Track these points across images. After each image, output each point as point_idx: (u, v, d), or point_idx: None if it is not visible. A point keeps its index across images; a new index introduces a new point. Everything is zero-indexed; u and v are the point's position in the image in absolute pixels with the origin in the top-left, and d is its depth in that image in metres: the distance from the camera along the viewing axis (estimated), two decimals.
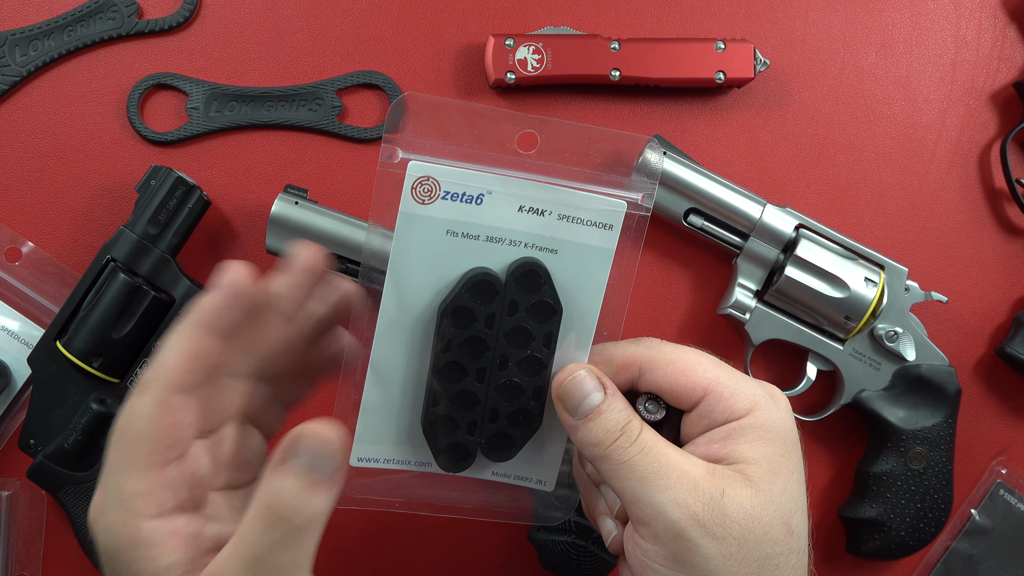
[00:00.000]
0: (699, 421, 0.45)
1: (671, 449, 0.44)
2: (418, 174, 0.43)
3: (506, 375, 0.46)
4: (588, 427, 0.44)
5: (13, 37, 0.67)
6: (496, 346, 0.45)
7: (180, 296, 0.64)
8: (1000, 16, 0.74)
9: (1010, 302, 0.73)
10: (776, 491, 0.43)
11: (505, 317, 0.45)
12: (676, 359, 0.46)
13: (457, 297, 0.44)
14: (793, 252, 0.65)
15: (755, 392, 0.45)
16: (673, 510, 0.42)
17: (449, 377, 0.45)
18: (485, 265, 0.45)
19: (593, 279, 0.46)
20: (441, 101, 0.45)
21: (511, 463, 0.49)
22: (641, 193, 0.46)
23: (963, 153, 0.73)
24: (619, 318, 0.48)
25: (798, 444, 0.46)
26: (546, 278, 0.45)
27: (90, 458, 0.63)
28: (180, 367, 0.42)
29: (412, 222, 0.44)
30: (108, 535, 0.40)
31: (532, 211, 0.45)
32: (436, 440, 0.47)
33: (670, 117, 0.71)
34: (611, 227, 0.45)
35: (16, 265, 0.67)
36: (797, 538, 0.44)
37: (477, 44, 0.70)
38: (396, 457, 0.48)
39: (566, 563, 0.64)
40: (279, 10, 0.70)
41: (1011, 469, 0.71)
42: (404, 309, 0.45)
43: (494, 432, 0.47)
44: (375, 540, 0.69)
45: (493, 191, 0.44)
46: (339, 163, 0.69)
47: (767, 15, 0.73)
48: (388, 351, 0.46)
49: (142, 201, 0.63)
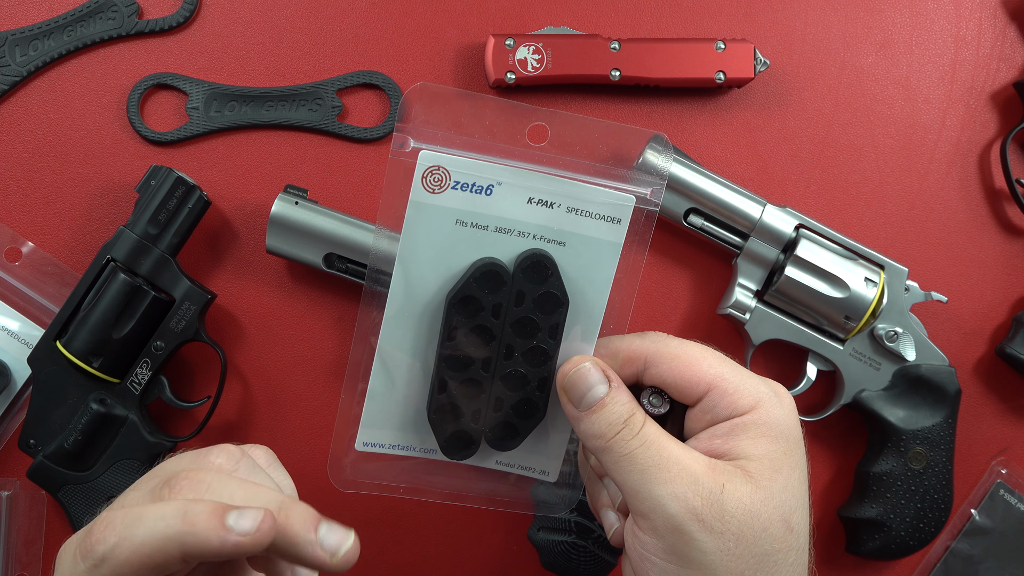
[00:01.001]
0: (702, 416, 0.45)
1: (673, 443, 0.44)
2: (429, 163, 0.44)
3: (512, 365, 0.46)
4: (592, 419, 0.44)
5: (13, 37, 0.67)
6: (502, 336, 0.46)
7: (180, 296, 0.64)
8: (1000, 16, 0.74)
9: (1010, 302, 0.73)
10: (776, 488, 0.43)
11: (512, 308, 0.45)
12: (681, 354, 0.46)
13: (465, 286, 0.45)
14: (793, 252, 0.65)
15: (759, 389, 0.45)
16: (672, 503, 0.42)
17: (455, 366, 0.46)
18: (493, 255, 0.45)
19: (600, 272, 0.46)
20: (453, 92, 0.46)
21: (515, 452, 0.49)
22: (650, 188, 0.47)
23: (963, 153, 0.73)
24: (626, 312, 0.48)
25: (801, 442, 0.46)
26: (553, 270, 0.45)
27: (90, 458, 0.63)
28: (207, 534, 0.36)
29: (422, 211, 0.44)
30: None
31: (541, 203, 0.45)
32: (441, 428, 0.47)
33: (670, 117, 0.71)
34: (619, 221, 0.46)
35: (16, 265, 0.67)
36: (797, 536, 0.44)
37: (477, 44, 0.70)
38: (401, 443, 0.48)
39: (566, 563, 0.64)
40: (279, 10, 0.70)
41: (1011, 469, 0.71)
42: (412, 297, 0.46)
43: (498, 421, 0.47)
44: (375, 540, 0.69)
45: (503, 182, 0.44)
46: (339, 163, 0.69)
47: (767, 15, 0.73)
48: (395, 339, 0.46)
49: (142, 201, 0.63)
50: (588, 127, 0.46)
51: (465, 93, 0.46)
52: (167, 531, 0.35)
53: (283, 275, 0.69)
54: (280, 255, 0.64)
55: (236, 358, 0.68)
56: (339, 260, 0.64)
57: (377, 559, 0.69)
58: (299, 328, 0.69)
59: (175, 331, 0.64)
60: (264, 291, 0.68)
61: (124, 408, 0.64)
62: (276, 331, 0.68)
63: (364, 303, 0.47)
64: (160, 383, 0.65)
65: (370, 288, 0.47)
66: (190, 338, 0.64)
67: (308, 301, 0.69)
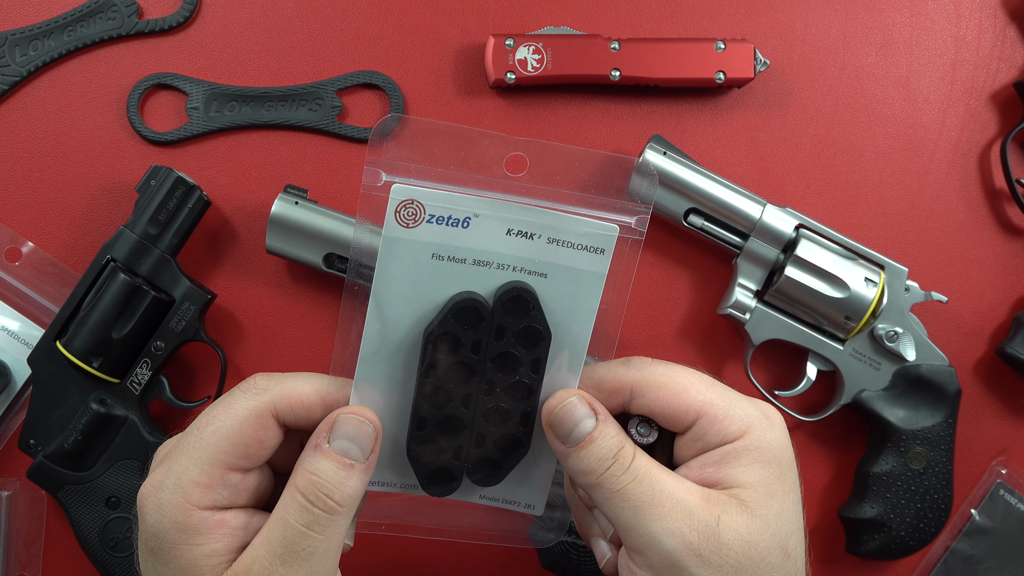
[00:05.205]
0: (693, 444, 0.44)
1: (665, 475, 0.43)
2: (402, 197, 0.42)
3: (493, 400, 0.45)
4: (580, 455, 0.43)
5: (13, 37, 0.67)
6: (483, 372, 0.44)
7: (180, 296, 0.64)
8: (1000, 16, 0.74)
9: (1010, 302, 0.73)
10: (772, 515, 0.42)
11: (492, 342, 0.44)
12: (668, 381, 0.44)
13: (442, 322, 0.43)
14: (793, 252, 0.65)
15: (749, 412, 0.44)
16: (668, 540, 0.41)
17: (434, 402, 0.44)
18: (472, 289, 0.44)
19: (584, 303, 0.45)
20: (427, 123, 0.44)
21: (499, 487, 0.48)
22: (635, 217, 0.45)
23: (963, 153, 0.73)
24: (611, 342, 0.47)
25: (794, 464, 0.45)
26: (534, 303, 0.44)
27: (90, 458, 0.63)
28: (295, 398, 0.43)
29: (396, 246, 0.43)
30: (157, 514, 0.41)
31: (521, 234, 0.43)
32: (421, 465, 0.46)
33: (670, 117, 0.71)
34: (603, 251, 0.44)
35: (16, 265, 0.67)
36: (794, 560, 0.43)
37: (477, 44, 0.70)
38: (380, 480, 0.47)
39: (566, 563, 0.64)
40: (279, 10, 0.70)
41: (1011, 469, 0.71)
42: (388, 334, 0.44)
43: (480, 457, 0.46)
44: (375, 539, 0.69)
45: (480, 214, 0.43)
46: (339, 163, 0.69)
47: (767, 15, 0.73)
48: (372, 375, 0.45)
49: (142, 201, 0.63)
50: (568, 156, 0.45)
51: (440, 124, 0.45)
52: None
53: (283, 275, 0.69)
54: (280, 255, 0.64)
55: (236, 358, 0.68)
56: (339, 260, 0.64)
57: (377, 559, 0.69)
58: (299, 328, 0.69)
59: (175, 331, 0.64)
60: (264, 291, 0.68)
61: (124, 408, 0.64)
62: (276, 331, 0.68)
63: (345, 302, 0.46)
64: (160, 383, 0.65)
65: (353, 283, 0.46)
66: (190, 338, 0.64)
67: (308, 301, 0.69)
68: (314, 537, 0.41)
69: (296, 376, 0.44)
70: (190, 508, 0.41)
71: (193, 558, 0.41)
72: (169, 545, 0.41)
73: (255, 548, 0.41)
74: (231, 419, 0.42)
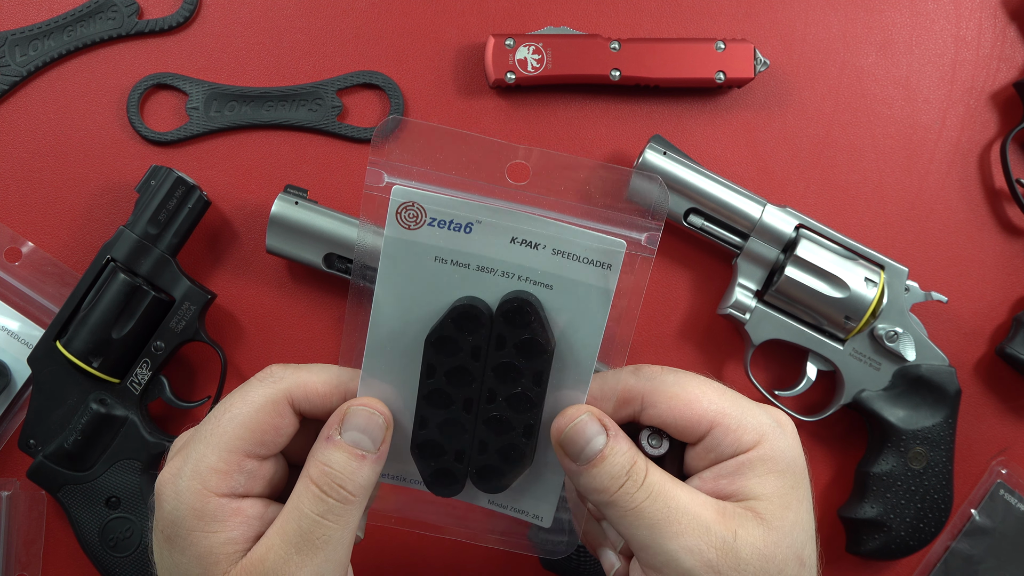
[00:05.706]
0: (705, 454, 0.44)
1: (679, 489, 0.42)
2: (402, 199, 0.42)
3: (495, 409, 0.44)
4: (592, 473, 0.43)
5: (13, 37, 0.67)
6: (483, 379, 0.44)
7: (180, 296, 0.64)
8: (1000, 16, 0.74)
9: (1010, 302, 0.73)
10: (788, 526, 0.42)
11: (492, 351, 0.43)
12: (679, 391, 0.44)
13: (441, 326, 0.43)
14: (793, 252, 0.65)
15: (762, 421, 0.44)
16: (686, 557, 0.41)
17: (436, 404, 0.44)
18: (477, 294, 0.43)
19: (590, 318, 0.44)
20: (429, 126, 0.44)
21: (507, 494, 0.47)
22: (645, 233, 0.44)
23: (963, 153, 0.73)
24: (623, 348, 0.46)
25: (806, 471, 0.45)
26: (536, 315, 0.43)
27: (90, 458, 0.63)
28: (310, 386, 0.44)
29: (398, 246, 0.43)
30: (175, 501, 0.42)
31: (525, 243, 0.43)
32: (424, 464, 0.46)
33: (670, 117, 0.71)
34: (610, 267, 0.43)
35: (16, 265, 0.67)
36: (809, 569, 0.43)
37: (477, 44, 0.70)
38: (390, 472, 0.47)
39: (566, 563, 0.64)
40: (279, 10, 0.70)
41: (1011, 469, 0.71)
42: (393, 330, 0.44)
43: (483, 464, 0.45)
44: (375, 539, 0.69)
45: (483, 221, 0.42)
46: (339, 163, 0.69)
47: (767, 15, 0.73)
48: (378, 369, 0.45)
49: (142, 201, 0.63)
50: (572, 165, 0.44)
51: (443, 128, 0.44)
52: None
53: (283, 275, 0.69)
54: (280, 255, 0.64)
55: (236, 358, 0.68)
56: (339, 260, 0.64)
57: (377, 559, 0.69)
58: (299, 328, 0.69)
59: (175, 331, 0.64)
60: (264, 291, 0.68)
61: (124, 408, 0.64)
62: (276, 331, 0.68)
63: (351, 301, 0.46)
64: (160, 383, 0.65)
65: (358, 284, 0.46)
66: (190, 338, 0.64)
67: (308, 301, 0.69)
68: (328, 526, 0.41)
69: (311, 366, 0.45)
70: (207, 495, 0.41)
71: (209, 545, 0.41)
72: (186, 532, 0.41)
73: (270, 537, 0.41)
74: (248, 406, 0.43)
